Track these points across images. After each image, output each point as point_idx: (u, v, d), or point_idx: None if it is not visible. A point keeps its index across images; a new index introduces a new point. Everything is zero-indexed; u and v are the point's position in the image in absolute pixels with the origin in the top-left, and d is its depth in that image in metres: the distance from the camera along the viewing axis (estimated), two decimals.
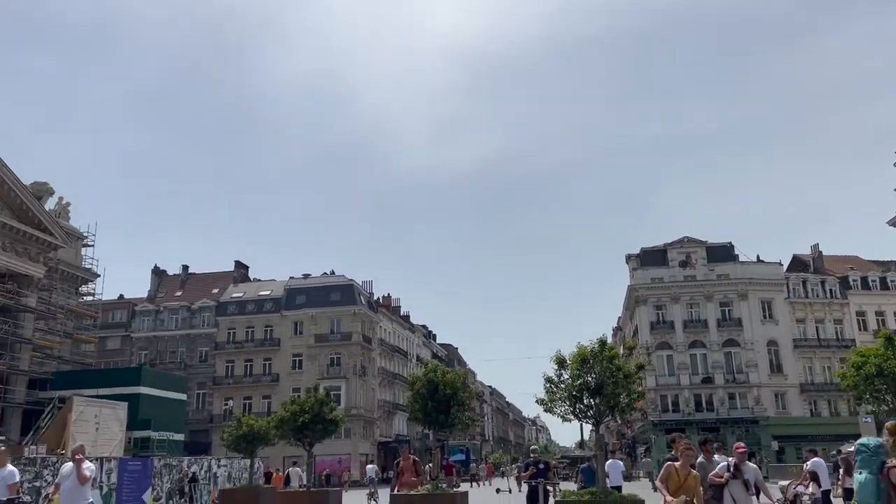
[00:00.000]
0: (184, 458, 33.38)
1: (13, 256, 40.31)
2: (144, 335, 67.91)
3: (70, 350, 47.83)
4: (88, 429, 34.85)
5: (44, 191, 44.32)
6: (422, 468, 14.31)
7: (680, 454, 8.01)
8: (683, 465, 7.86)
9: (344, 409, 54.35)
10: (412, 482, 13.49)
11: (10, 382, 39.81)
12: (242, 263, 75.16)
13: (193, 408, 61.99)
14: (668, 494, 7.64)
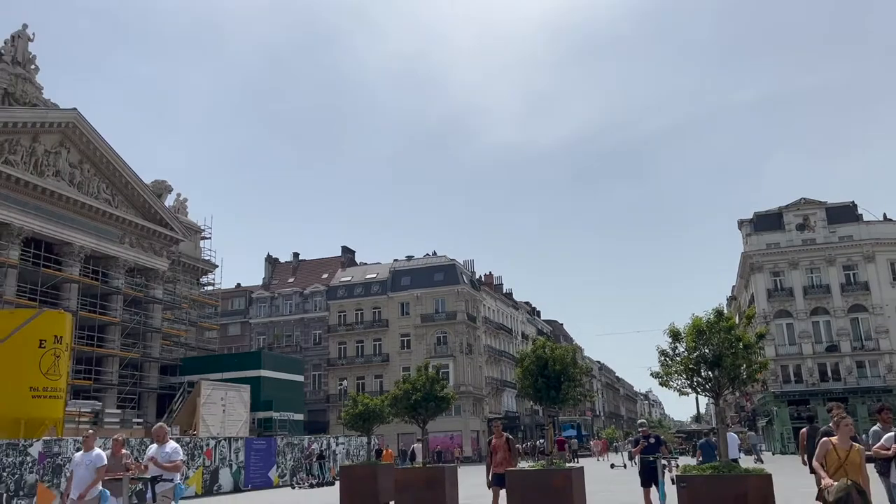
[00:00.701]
0: (304, 436, 34.94)
1: (140, 252, 43.21)
2: (262, 321, 71.34)
3: (195, 337, 50.94)
4: (216, 411, 37.03)
5: (163, 189, 47.13)
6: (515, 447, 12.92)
7: (837, 426, 7.02)
8: (842, 440, 6.86)
9: (453, 386, 55.13)
10: (506, 461, 12.33)
11: (144, 369, 42.91)
12: (349, 248, 77.35)
13: (310, 388, 64.67)
14: (827, 476, 6.68)
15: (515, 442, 13.73)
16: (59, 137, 38.08)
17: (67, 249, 38.05)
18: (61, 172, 37.96)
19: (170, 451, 10.00)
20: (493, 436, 12.84)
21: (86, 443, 10.25)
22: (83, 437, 10.57)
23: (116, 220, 41.21)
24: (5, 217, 34.41)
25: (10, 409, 20.98)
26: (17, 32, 40.71)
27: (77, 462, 9.99)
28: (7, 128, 35.01)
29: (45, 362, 21.61)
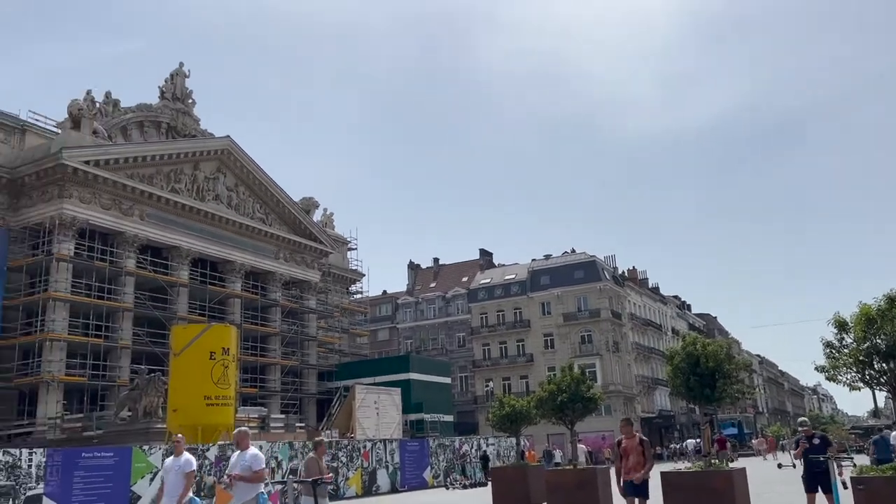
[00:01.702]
0: (455, 438, 35.51)
1: (293, 266, 45.92)
2: (408, 325, 73.52)
3: (348, 343, 53.36)
4: (370, 414, 38.53)
5: (311, 205, 49.81)
6: (650, 450, 10.61)
7: None
8: None
9: (601, 386, 53.96)
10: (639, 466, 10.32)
11: (303, 375, 45.49)
12: (486, 251, 78.00)
13: (458, 390, 65.74)
14: None
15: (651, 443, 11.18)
16: (216, 164, 41.29)
17: (230, 267, 41.12)
18: (220, 196, 41.11)
19: (249, 459, 9.04)
20: (623, 435, 10.86)
21: (176, 448, 9.85)
22: (174, 441, 10.07)
23: (271, 238, 44.04)
24: (175, 240, 37.76)
25: (188, 417, 23.00)
26: (175, 70, 44.64)
27: (167, 468, 9.61)
28: (171, 159, 38.42)
29: (215, 372, 23.49)
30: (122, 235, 35.10)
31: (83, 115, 35.03)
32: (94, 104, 37.34)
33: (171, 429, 23.62)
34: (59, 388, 31.03)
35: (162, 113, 43.04)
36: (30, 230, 32.97)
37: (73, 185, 32.94)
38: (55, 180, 32.78)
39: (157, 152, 37.69)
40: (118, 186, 34.89)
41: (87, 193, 33.67)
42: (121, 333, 34.01)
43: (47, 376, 30.43)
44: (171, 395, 24.49)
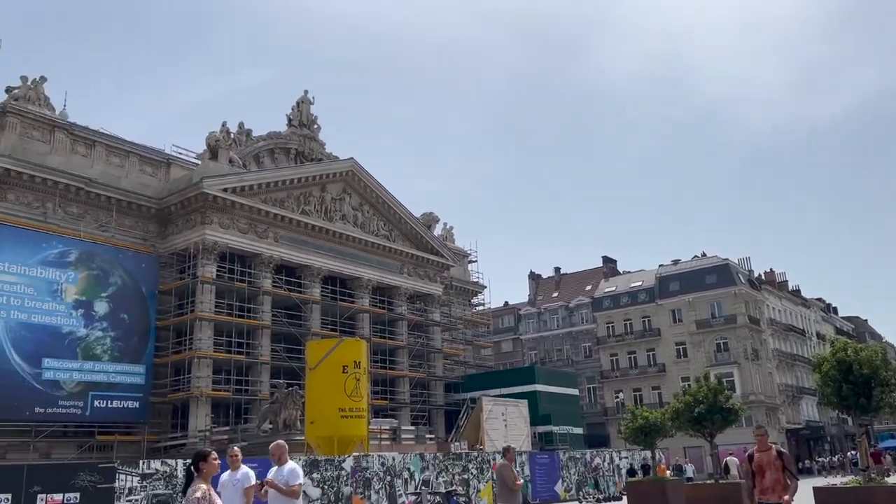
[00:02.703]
0: (586, 450, 34.78)
1: (417, 280, 46.88)
2: (531, 336, 72.99)
3: (472, 355, 53.71)
4: (498, 426, 38.50)
5: (431, 220, 50.73)
6: (793, 465, 8.62)
7: None
8: None
9: (740, 395, 51.13)
10: (778, 486, 8.36)
11: (430, 387, 46.20)
12: (610, 258, 76.22)
13: (586, 402, 64.42)
14: None
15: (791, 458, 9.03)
16: (342, 185, 42.97)
17: (357, 283, 42.57)
18: (346, 216, 42.72)
19: (287, 474, 8.64)
20: (756, 448, 8.99)
21: (233, 462, 9.22)
22: (230, 455, 9.40)
23: (395, 253, 45.22)
24: (306, 260, 39.57)
25: (325, 429, 23.91)
26: (301, 98, 47.00)
27: (223, 483, 9.02)
28: (300, 182, 40.38)
29: (348, 385, 24.29)
30: (259, 257, 37.20)
31: (220, 146, 37.56)
32: (229, 135, 39.94)
33: (310, 440, 24.66)
34: (207, 403, 33.21)
35: (290, 139, 45.38)
36: (177, 255, 35.62)
37: (213, 211, 35.32)
38: (197, 208, 35.28)
39: (288, 177, 39.74)
40: (253, 211, 37.06)
41: (226, 219, 35.98)
42: (260, 350, 35.98)
43: (196, 391, 32.66)
44: (308, 408, 25.55)
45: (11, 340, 28.91)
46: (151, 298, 34.07)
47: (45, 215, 32.12)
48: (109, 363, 31.82)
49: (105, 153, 35.66)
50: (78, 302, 31.30)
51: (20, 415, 29.02)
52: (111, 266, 32.75)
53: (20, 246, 29.89)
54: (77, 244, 31.93)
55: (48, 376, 29.74)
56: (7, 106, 32.21)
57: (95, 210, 34.10)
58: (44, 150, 32.86)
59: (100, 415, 31.15)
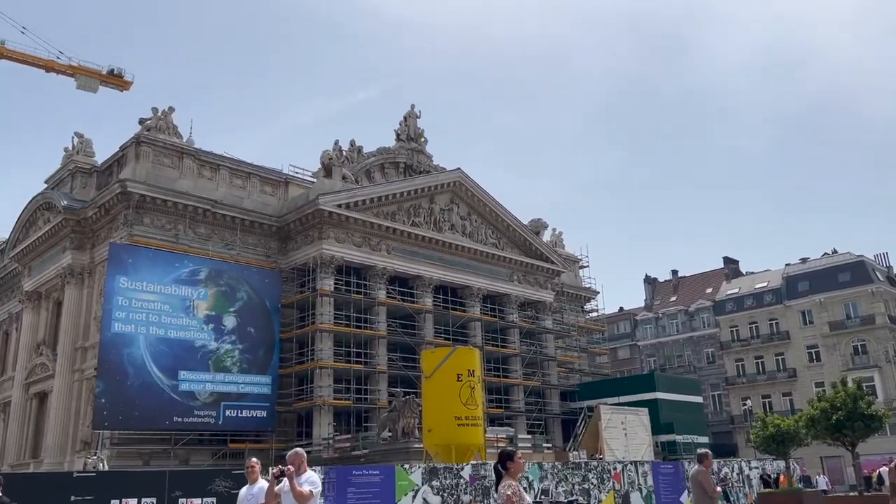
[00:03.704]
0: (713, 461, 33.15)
1: (527, 287, 46.56)
2: (649, 342, 70.67)
3: (588, 363, 52.64)
4: (618, 434, 37.45)
5: (539, 226, 50.29)
6: None
7: None
8: None
9: (883, 401, 47.37)
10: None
11: (545, 396, 45.66)
12: (731, 258, 72.70)
13: (711, 410, 61.62)
14: None
15: None
16: (449, 195, 43.43)
17: (468, 292, 42.80)
18: (455, 226, 43.10)
19: (305, 483, 8.44)
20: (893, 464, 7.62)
21: (250, 474, 9.03)
22: (248, 467, 9.13)
23: (504, 261, 45.15)
24: (418, 270, 40.23)
25: (442, 437, 24.13)
26: (408, 113, 47.97)
27: (241, 498, 8.85)
28: (410, 195, 41.15)
29: (463, 394, 24.41)
30: (373, 269, 38.18)
31: (333, 164, 38.96)
32: (341, 153, 41.34)
33: (428, 448, 24.96)
34: (329, 411, 34.35)
35: (399, 154, 46.40)
36: (297, 270, 37.16)
37: (329, 227, 36.61)
38: (314, 224, 36.68)
39: (397, 190, 40.63)
40: (366, 225, 38.11)
41: (342, 233, 37.20)
42: (377, 359, 36.86)
43: (319, 401, 33.85)
44: (425, 416, 25.88)
45: (151, 354, 31.08)
46: (275, 312, 35.69)
47: (177, 237, 34.40)
48: (238, 374, 33.57)
49: (228, 176, 37.79)
50: (209, 317, 33.24)
51: (161, 424, 31.14)
52: (237, 282, 34.60)
53: (156, 266, 32.15)
54: (206, 263, 33.97)
55: (184, 387, 31.73)
56: (141, 136, 34.84)
57: (221, 230, 36.17)
58: (174, 175, 35.23)
59: (231, 423, 32.90)
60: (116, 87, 54.76)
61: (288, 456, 8.72)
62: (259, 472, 9.20)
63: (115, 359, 30.19)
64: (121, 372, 30.21)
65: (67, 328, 35.51)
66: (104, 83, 54.19)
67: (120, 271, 31.05)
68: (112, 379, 30.00)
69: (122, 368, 30.28)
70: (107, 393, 29.82)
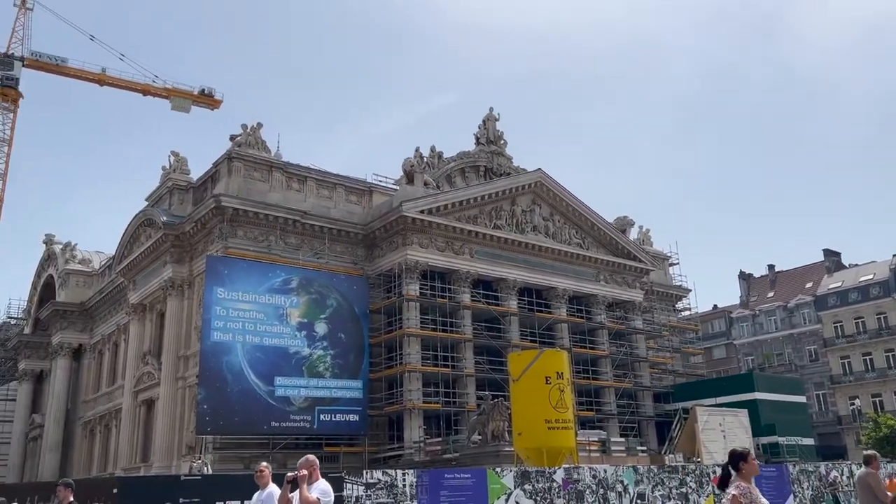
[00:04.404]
0: (819, 463, 31.56)
1: (615, 287, 45.64)
2: (746, 341, 67.93)
3: (681, 363, 51.07)
4: (716, 437, 36.17)
5: (625, 224, 49.23)
6: None
7: None
8: None
9: None
10: None
11: (638, 398, 44.57)
12: (832, 251, 68.98)
13: (815, 410, 58.62)
14: None
15: None
16: (531, 197, 43.14)
17: (553, 293, 42.35)
18: (538, 227, 42.77)
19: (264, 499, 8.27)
20: None
21: (260, 478, 8.93)
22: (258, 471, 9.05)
23: (590, 261, 44.44)
24: (502, 273, 40.14)
25: (532, 440, 23.92)
26: (486, 116, 48.00)
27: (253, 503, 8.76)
28: (491, 198, 41.14)
29: (552, 396, 24.12)
30: (457, 273, 38.37)
31: (415, 171, 39.45)
32: (422, 159, 41.79)
33: (519, 451, 24.81)
34: (419, 415, 34.71)
35: (479, 157, 46.47)
36: (383, 276, 37.79)
37: (412, 233, 37.07)
38: (398, 231, 37.23)
39: (478, 194, 40.69)
40: (449, 229, 38.37)
41: (425, 239, 37.58)
42: (464, 362, 36.99)
43: (409, 404, 34.27)
44: (514, 419, 25.74)
45: (248, 362, 32.30)
46: (364, 318, 36.42)
47: (269, 247, 35.64)
48: (331, 379, 34.43)
49: (315, 187, 38.87)
50: (301, 324, 34.27)
51: (259, 428, 32.29)
52: (327, 290, 35.52)
53: (250, 276, 33.42)
54: (297, 272, 35.04)
55: (280, 393, 32.80)
56: (232, 152, 36.32)
57: (311, 239, 37.24)
58: (264, 188, 36.55)
59: (325, 427, 33.76)
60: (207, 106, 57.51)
61: (299, 463, 8.56)
62: (269, 476, 9.12)
63: (214, 366, 31.54)
64: (220, 379, 31.53)
65: (170, 338, 37.37)
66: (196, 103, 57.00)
67: (217, 282, 32.45)
68: (213, 386, 31.36)
69: (222, 375, 31.59)
70: (208, 399, 31.19)
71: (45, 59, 53.83)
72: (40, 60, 53.77)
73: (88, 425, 48.49)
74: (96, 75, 54.24)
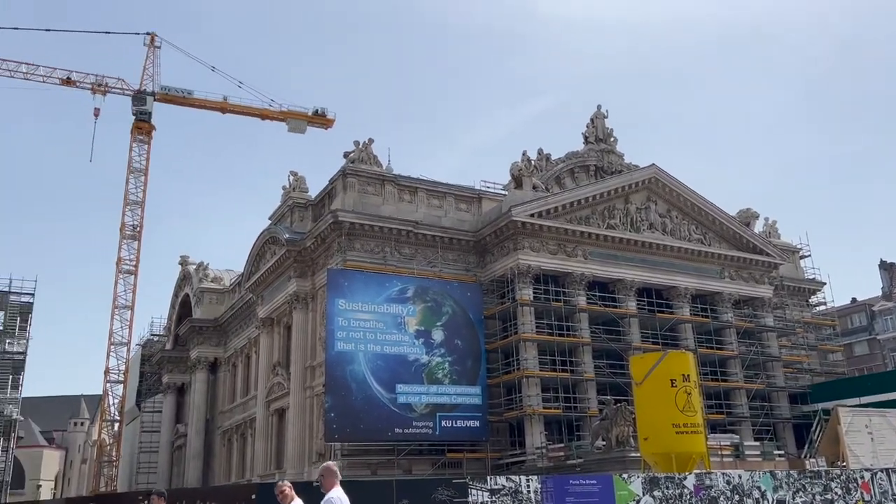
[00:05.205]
0: None
1: (741, 283, 43.46)
2: (891, 335, 62.91)
3: (818, 362, 47.91)
4: (863, 439, 33.56)
5: (750, 216, 46.82)
6: None
7: None
8: None
9: None
10: None
11: (771, 399, 42.15)
12: None
13: None
14: None
15: None
16: (645, 193, 41.88)
17: (674, 293, 40.86)
18: (654, 224, 41.44)
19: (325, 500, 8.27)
20: None
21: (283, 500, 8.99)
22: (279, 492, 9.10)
23: (712, 257, 42.56)
24: (618, 274, 39.18)
25: (659, 445, 23.13)
26: (594, 114, 47.12)
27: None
28: (603, 197, 40.28)
29: (679, 400, 23.23)
30: (570, 276, 37.80)
31: (523, 175, 39.28)
32: (529, 162, 41.52)
33: (645, 457, 24.08)
34: (539, 420, 34.41)
35: (588, 156, 45.65)
36: (496, 282, 37.83)
37: (523, 237, 36.90)
38: (509, 236, 37.17)
39: (589, 194, 39.95)
40: (560, 232, 37.91)
41: (536, 243, 37.31)
42: (583, 367, 36.34)
43: (528, 410, 34.05)
44: (639, 424, 25.02)
45: (371, 370, 33.23)
46: (479, 324, 36.60)
47: (385, 258, 36.58)
48: (450, 386, 34.80)
49: (426, 197, 39.52)
50: (418, 332, 34.89)
51: (383, 435, 33.12)
52: (442, 297, 35.99)
53: (369, 287, 34.43)
54: (412, 281, 35.74)
55: (402, 400, 33.50)
56: (346, 169, 37.60)
57: (424, 248, 37.88)
58: (377, 201, 37.56)
59: (446, 434, 34.14)
60: (321, 125, 59.94)
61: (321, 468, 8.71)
62: (290, 495, 9.21)
63: (339, 375, 32.67)
64: (345, 387, 32.61)
65: (297, 349, 39.04)
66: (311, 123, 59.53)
67: (338, 294, 33.64)
68: (338, 394, 32.48)
69: (347, 384, 32.67)
70: (335, 408, 32.33)
71: (174, 92, 57.98)
72: (169, 94, 57.97)
73: (226, 434, 51.44)
74: (219, 103, 57.85)
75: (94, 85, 56.36)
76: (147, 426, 58.94)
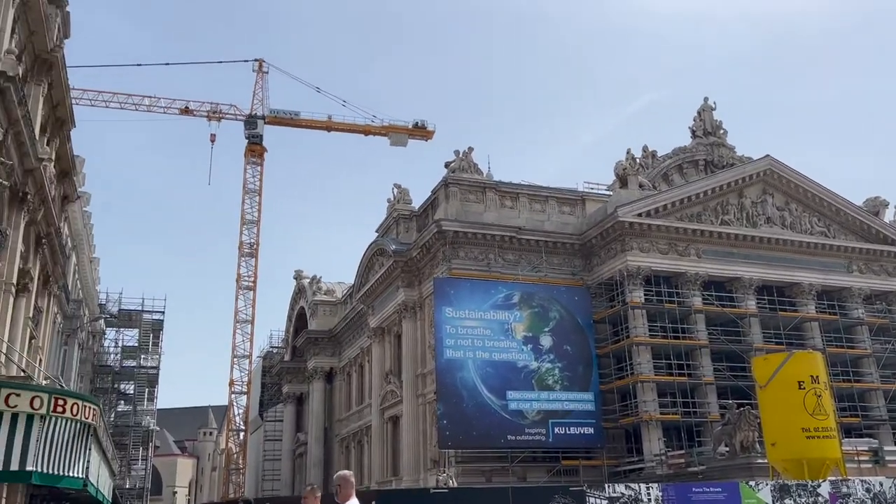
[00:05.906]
0: None
1: (872, 277, 40.55)
2: None
3: None
4: None
5: (878, 205, 43.63)
6: None
7: None
8: None
9: None
10: None
11: None
12: None
13: None
14: None
15: None
16: (760, 186, 39.85)
17: (797, 290, 38.60)
18: (772, 218, 39.35)
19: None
20: None
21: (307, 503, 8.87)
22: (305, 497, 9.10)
23: (837, 251, 39.95)
24: (735, 272, 37.42)
25: (789, 451, 21.88)
26: (701, 107, 45.33)
27: None
28: (714, 193, 38.64)
29: (808, 402, 21.92)
30: (683, 276, 36.46)
31: (628, 173, 38.30)
32: (634, 161, 40.44)
33: (774, 463, 22.83)
34: (657, 426, 33.30)
35: (696, 151, 43.95)
36: (604, 285, 37.01)
37: (631, 237, 35.95)
38: (616, 237, 36.31)
39: (700, 190, 38.45)
40: (671, 231, 36.67)
41: (645, 243, 36.25)
42: (702, 370, 34.91)
43: (645, 416, 33.04)
44: (765, 429, 23.80)
45: (480, 377, 33.30)
46: (588, 328, 35.93)
47: (489, 265, 36.61)
48: (561, 392, 34.34)
49: (528, 202, 39.27)
50: (526, 338, 34.66)
51: (496, 442, 33.06)
52: (548, 302, 35.61)
53: (475, 294, 34.56)
54: (517, 287, 35.57)
55: (513, 407, 33.35)
56: (448, 178, 37.99)
57: (528, 254, 37.64)
58: (479, 209, 37.69)
59: (560, 441, 33.66)
60: (421, 137, 61.02)
61: (335, 477, 8.57)
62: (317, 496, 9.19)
63: (450, 382, 32.95)
64: (456, 395, 32.84)
65: (408, 358, 39.70)
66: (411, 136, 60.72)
67: (445, 303, 33.98)
68: (450, 402, 32.76)
69: (457, 391, 32.89)
70: (447, 415, 32.61)
71: (282, 114, 60.75)
72: (278, 116, 60.79)
73: (344, 442, 52.97)
74: (324, 122, 60.11)
75: (209, 112, 59.93)
76: (270, 435, 61.56)
